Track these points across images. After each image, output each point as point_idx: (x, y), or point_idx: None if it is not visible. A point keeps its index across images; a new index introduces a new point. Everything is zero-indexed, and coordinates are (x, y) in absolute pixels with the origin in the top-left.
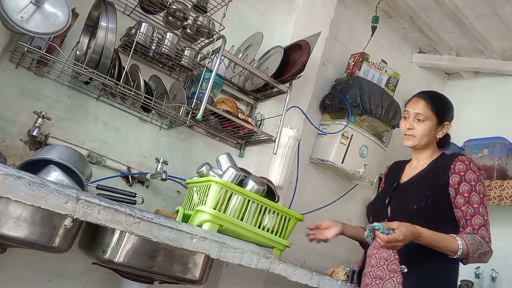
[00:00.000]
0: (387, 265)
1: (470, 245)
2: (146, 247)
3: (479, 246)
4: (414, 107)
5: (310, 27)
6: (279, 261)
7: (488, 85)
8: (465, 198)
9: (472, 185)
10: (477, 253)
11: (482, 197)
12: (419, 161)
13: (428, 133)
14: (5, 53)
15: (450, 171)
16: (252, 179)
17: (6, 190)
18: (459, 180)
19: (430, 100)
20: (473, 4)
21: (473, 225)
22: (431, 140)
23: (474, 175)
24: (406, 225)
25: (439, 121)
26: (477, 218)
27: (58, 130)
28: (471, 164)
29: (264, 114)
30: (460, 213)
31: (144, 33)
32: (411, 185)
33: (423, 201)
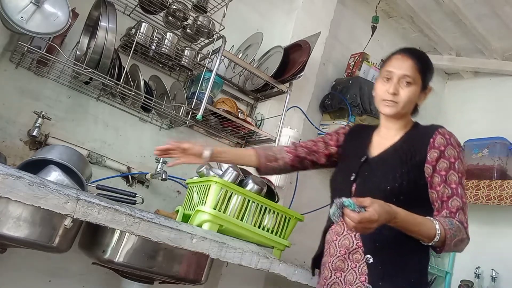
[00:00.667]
0: (348, 254)
1: (448, 230)
2: (146, 247)
3: (457, 232)
4: (400, 67)
5: (310, 27)
6: (279, 261)
7: (488, 85)
8: (442, 176)
9: (451, 163)
10: (454, 240)
11: (461, 177)
12: (389, 130)
13: (413, 100)
14: (5, 53)
15: (429, 146)
16: (252, 179)
17: (6, 190)
18: (438, 156)
19: (418, 60)
20: (473, 4)
21: (450, 208)
22: (411, 108)
23: (454, 151)
24: (380, 202)
25: (423, 85)
26: (454, 200)
27: (58, 130)
28: (452, 138)
29: (264, 114)
30: (435, 193)
31: (144, 33)
32: (383, 161)
33: (398, 181)
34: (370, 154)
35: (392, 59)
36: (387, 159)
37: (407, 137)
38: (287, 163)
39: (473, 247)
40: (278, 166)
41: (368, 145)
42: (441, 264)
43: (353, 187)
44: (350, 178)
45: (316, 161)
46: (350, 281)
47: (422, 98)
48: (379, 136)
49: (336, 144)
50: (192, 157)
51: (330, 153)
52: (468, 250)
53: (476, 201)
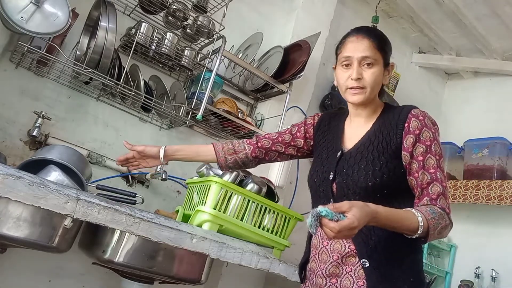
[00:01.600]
0: (342, 259)
1: (431, 220)
2: (146, 247)
3: (440, 219)
4: (358, 49)
5: (310, 27)
6: (279, 261)
7: (488, 85)
8: (419, 162)
9: (427, 146)
10: (438, 228)
11: (439, 159)
12: (361, 117)
13: (379, 81)
14: (5, 53)
15: (404, 131)
16: (252, 179)
17: (6, 190)
18: (413, 141)
19: (374, 38)
20: (473, 4)
21: (431, 195)
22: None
23: (430, 133)
24: (358, 204)
25: (385, 63)
26: (434, 186)
27: (58, 130)
28: (426, 119)
29: (264, 114)
30: (414, 180)
31: (144, 33)
32: (359, 154)
33: (378, 175)
34: (345, 148)
35: (347, 43)
36: (363, 151)
37: (380, 123)
38: (248, 154)
39: (473, 247)
40: (239, 158)
41: (342, 137)
42: (441, 264)
43: (334, 187)
44: (329, 178)
45: (283, 152)
46: (347, 286)
47: (386, 76)
48: (351, 126)
49: (304, 136)
50: (150, 159)
51: (297, 144)
52: (468, 250)
53: (476, 201)
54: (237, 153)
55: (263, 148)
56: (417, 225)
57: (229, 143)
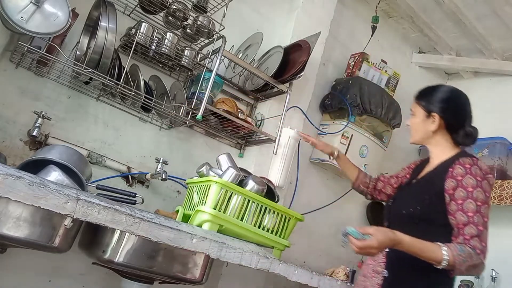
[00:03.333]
0: (373, 266)
1: (457, 256)
2: (146, 247)
3: (467, 258)
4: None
5: (310, 27)
6: (279, 261)
7: (488, 85)
8: (458, 205)
9: (469, 192)
10: (464, 265)
11: (480, 205)
12: (433, 159)
13: (418, 127)
14: (5, 53)
15: (447, 175)
16: (252, 179)
17: (6, 190)
18: (454, 185)
19: (417, 94)
20: (473, 4)
21: (465, 235)
22: (426, 135)
23: (473, 180)
24: (384, 230)
25: (426, 113)
26: (470, 228)
27: (58, 130)
28: (473, 167)
29: (264, 114)
30: (454, 220)
31: (144, 33)
32: (412, 188)
33: (413, 206)
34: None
35: None
36: (415, 186)
37: (439, 166)
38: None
39: None
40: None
41: (418, 174)
42: None
43: (390, 211)
44: (389, 203)
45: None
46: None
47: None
48: (428, 166)
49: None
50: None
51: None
52: None
53: None
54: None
55: (377, 189)
56: (440, 258)
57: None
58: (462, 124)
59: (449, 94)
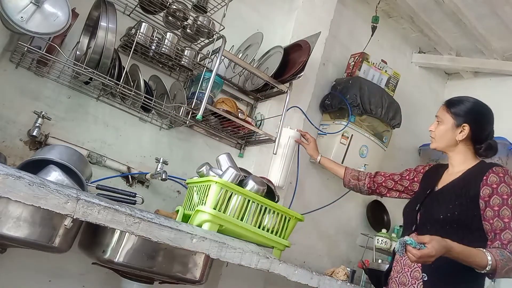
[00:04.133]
0: (410, 272)
1: (500, 261)
2: (146, 247)
3: (508, 262)
4: (437, 112)
5: (310, 27)
6: (279, 261)
7: (488, 85)
8: (495, 211)
9: (504, 199)
10: (505, 269)
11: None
12: (453, 167)
13: (444, 135)
14: (5, 53)
15: (482, 183)
16: (252, 179)
17: (6, 190)
18: (490, 192)
19: (449, 103)
20: (473, 4)
21: (502, 240)
22: (450, 143)
23: (508, 188)
24: (438, 239)
25: (456, 123)
26: (507, 233)
27: (58, 130)
28: (506, 176)
29: (264, 114)
30: (489, 226)
31: (144, 33)
32: (442, 194)
33: (450, 212)
34: (436, 187)
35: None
36: (445, 192)
37: (467, 173)
38: (366, 184)
39: None
40: (358, 185)
41: (438, 180)
42: None
43: (418, 216)
44: (416, 208)
45: (391, 187)
46: None
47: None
48: (447, 173)
49: (412, 179)
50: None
51: (403, 184)
52: None
53: None
54: (359, 181)
55: (377, 182)
56: (485, 263)
57: (356, 171)
58: (487, 137)
59: (480, 108)
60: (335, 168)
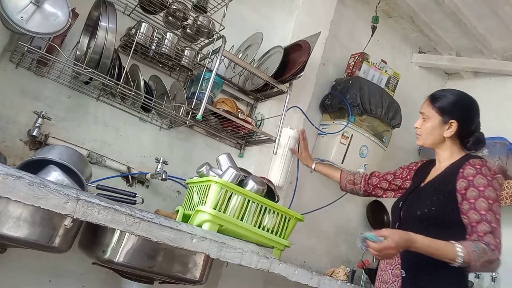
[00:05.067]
0: (392, 270)
1: (472, 253)
2: (146, 247)
3: (482, 254)
4: (421, 108)
5: (310, 27)
6: (279, 261)
7: (488, 85)
8: (470, 204)
9: (480, 191)
10: (480, 261)
11: (492, 203)
12: (440, 163)
13: (431, 132)
14: (5, 53)
15: (458, 175)
16: (252, 179)
17: (6, 190)
18: (466, 185)
19: (433, 98)
20: (473, 4)
21: (478, 232)
22: (437, 139)
23: (484, 180)
24: (399, 232)
25: (443, 120)
26: (483, 225)
27: (58, 130)
28: (483, 168)
29: (264, 114)
30: (467, 219)
31: (144, 33)
32: (423, 190)
33: (428, 208)
34: (421, 184)
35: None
36: (427, 188)
37: (448, 168)
38: (361, 188)
39: None
40: (355, 189)
41: (426, 176)
42: None
43: (401, 213)
44: (399, 205)
45: (386, 188)
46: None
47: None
48: (434, 169)
49: (405, 177)
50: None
51: (396, 183)
52: None
53: None
54: (355, 185)
55: (371, 184)
56: (454, 255)
57: (351, 175)
58: (474, 130)
59: (465, 100)
60: (331, 173)
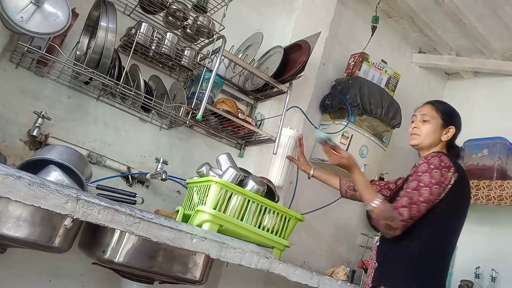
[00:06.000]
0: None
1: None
2: (146, 247)
3: (389, 218)
4: (421, 110)
5: (310, 27)
6: (279, 261)
7: (488, 85)
8: (407, 185)
9: (418, 175)
10: (383, 222)
11: (421, 186)
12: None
13: (432, 133)
14: (5, 53)
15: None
16: (252, 179)
17: (6, 190)
18: (412, 172)
19: (436, 103)
20: (473, 4)
21: (397, 203)
22: (434, 142)
23: (426, 167)
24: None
25: (444, 123)
26: (404, 200)
27: (58, 130)
28: (433, 158)
29: (264, 114)
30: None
31: (144, 33)
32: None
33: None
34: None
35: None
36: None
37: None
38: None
39: (473, 247)
40: (355, 195)
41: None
42: None
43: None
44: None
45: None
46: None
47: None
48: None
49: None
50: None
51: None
52: (468, 250)
53: (476, 201)
54: (355, 191)
55: None
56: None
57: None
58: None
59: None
60: (330, 179)
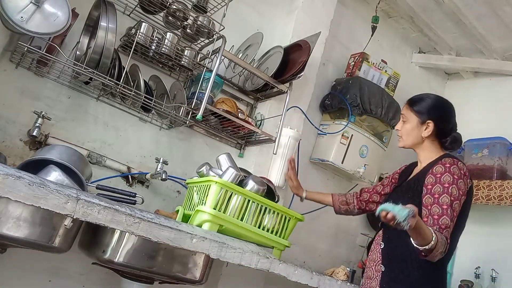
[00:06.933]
0: (374, 266)
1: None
2: (146, 247)
3: (442, 245)
4: (402, 111)
5: (310, 27)
6: (279, 261)
7: (488, 85)
8: (434, 198)
9: (445, 187)
10: (439, 251)
11: (453, 200)
12: (421, 163)
13: (410, 133)
14: (5, 53)
15: (428, 172)
16: (252, 179)
17: (6, 190)
18: (433, 181)
19: (411, 102)
20: (473, 4)
21: (440, 224)
22: (417, 140)
23: (450, 178)
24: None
25: (420, 120)
26: (444, 219)
27: (58, 130)
28: (452, 167)
29: (264, 114)
30: (427, 211)
31: (144, 33)
32: (402, 188)
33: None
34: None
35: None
36: (403, 186)
37: (426, 167)
38: (355, 206)
39: (473, 247)
40: (349, 209)
41: (408, 176)
42: None
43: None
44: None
45: (379, 201)
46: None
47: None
48: (416, 168)
49: (391, 182)
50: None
51: (386, 192)
52: (468, 250)
53: (476, 201)
54: (348, 205)
55: (364, 201)
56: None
57: (343, 196)
58: (451, 130)
59: (441, 103)
60: (323, 198)
